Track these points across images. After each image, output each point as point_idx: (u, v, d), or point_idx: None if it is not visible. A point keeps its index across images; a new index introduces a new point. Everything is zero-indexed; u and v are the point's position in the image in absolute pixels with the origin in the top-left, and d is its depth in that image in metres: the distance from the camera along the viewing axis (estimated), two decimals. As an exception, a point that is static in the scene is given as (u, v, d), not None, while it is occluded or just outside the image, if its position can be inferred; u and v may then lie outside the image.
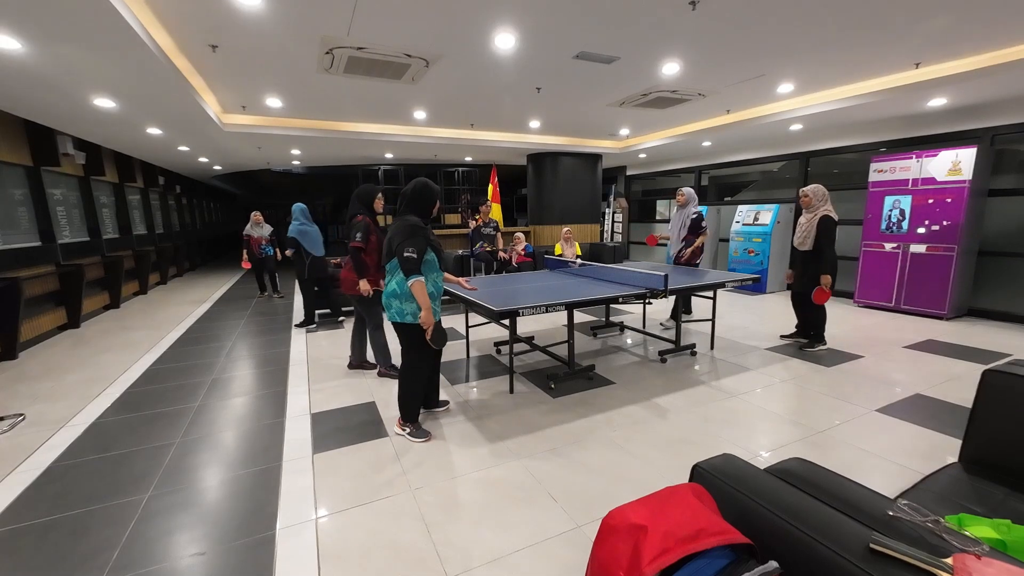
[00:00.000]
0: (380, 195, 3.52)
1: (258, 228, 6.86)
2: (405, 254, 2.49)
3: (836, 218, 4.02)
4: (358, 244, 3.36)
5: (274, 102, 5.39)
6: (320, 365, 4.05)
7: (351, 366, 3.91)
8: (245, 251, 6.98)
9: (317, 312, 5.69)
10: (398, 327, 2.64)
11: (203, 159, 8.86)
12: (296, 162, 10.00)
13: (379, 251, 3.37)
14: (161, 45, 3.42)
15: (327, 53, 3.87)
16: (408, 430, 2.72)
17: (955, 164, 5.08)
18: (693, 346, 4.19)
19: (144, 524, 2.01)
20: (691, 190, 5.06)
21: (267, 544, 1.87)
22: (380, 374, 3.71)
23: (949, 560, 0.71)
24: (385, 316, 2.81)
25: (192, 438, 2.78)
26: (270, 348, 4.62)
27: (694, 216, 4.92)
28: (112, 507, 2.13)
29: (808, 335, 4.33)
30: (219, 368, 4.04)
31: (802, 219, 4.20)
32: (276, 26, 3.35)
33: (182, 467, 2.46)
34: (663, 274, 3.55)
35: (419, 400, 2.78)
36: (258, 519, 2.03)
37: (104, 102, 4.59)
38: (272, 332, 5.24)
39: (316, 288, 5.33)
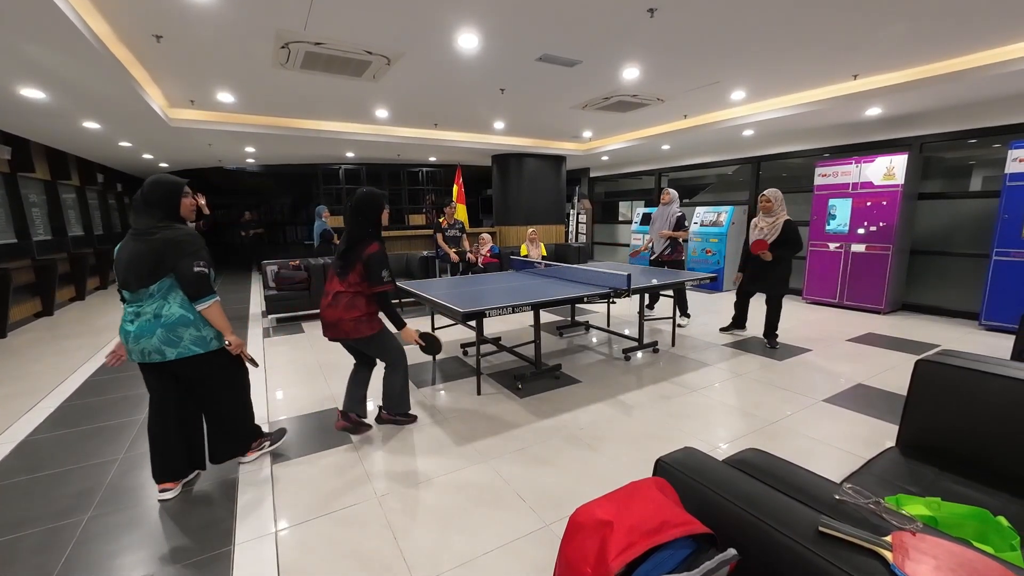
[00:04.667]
0: (387, 205, 2.60)
1: None
2: (196, 269, 1.99)
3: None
4: (390, 286, 2.47)
5: (226, 97, 5.14)
6: (279, 371, 3.89)
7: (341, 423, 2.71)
8: None
9: (276, 316, 5.58)
10: (202, 359, 2.07)
11: (147, 156, 8.33)
12: (251, 160, 9.57)
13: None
14: (97, 32, 3.19)
15: (283, 47, 3.72)
16: (267, 444, 2.51)
17: (889, 169, 5.48)
18: (655, 343, 4.31)
19: (83, 548, 1.86)
20: (675, 191, 5.17)
21: (223, 561, 1.78)
22: (382, 420, 2.86)
23: (889, 538, 0.77)
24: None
25: (138, 452, 2.60)
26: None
27: (678, 215, 5.03)
28: (45, 531, 1.96)
29: (743, 327, 4.77)
30: (167, 377, 3.80)
31: (761, 223, 4.19)
32: (227, 17, 3.19)
33: (127, 484, 2.30)
34: (626, 274, 3.63)
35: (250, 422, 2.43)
36: (213, 535, 1.92)
37: (32, 92, 4.23)
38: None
39: None
